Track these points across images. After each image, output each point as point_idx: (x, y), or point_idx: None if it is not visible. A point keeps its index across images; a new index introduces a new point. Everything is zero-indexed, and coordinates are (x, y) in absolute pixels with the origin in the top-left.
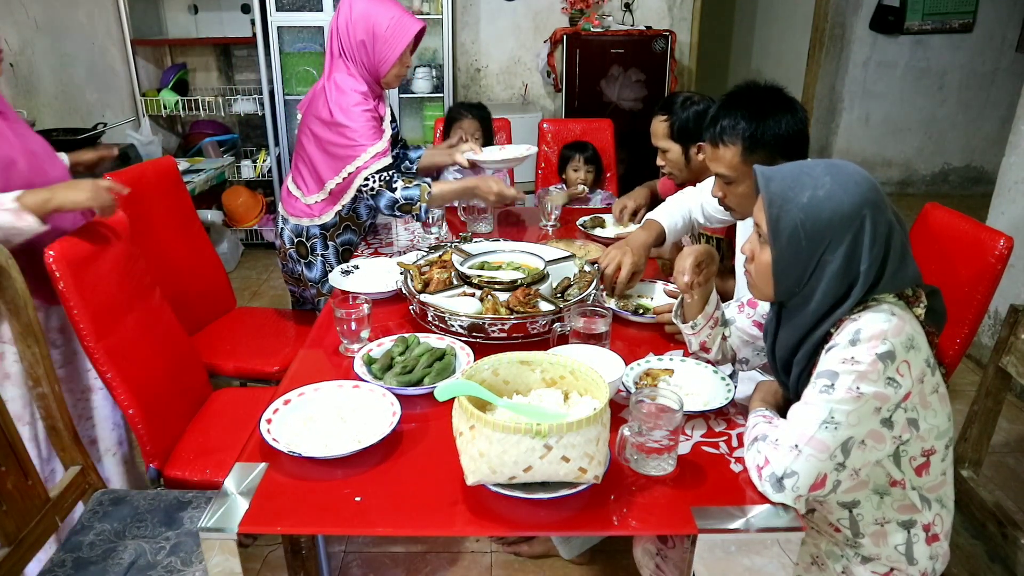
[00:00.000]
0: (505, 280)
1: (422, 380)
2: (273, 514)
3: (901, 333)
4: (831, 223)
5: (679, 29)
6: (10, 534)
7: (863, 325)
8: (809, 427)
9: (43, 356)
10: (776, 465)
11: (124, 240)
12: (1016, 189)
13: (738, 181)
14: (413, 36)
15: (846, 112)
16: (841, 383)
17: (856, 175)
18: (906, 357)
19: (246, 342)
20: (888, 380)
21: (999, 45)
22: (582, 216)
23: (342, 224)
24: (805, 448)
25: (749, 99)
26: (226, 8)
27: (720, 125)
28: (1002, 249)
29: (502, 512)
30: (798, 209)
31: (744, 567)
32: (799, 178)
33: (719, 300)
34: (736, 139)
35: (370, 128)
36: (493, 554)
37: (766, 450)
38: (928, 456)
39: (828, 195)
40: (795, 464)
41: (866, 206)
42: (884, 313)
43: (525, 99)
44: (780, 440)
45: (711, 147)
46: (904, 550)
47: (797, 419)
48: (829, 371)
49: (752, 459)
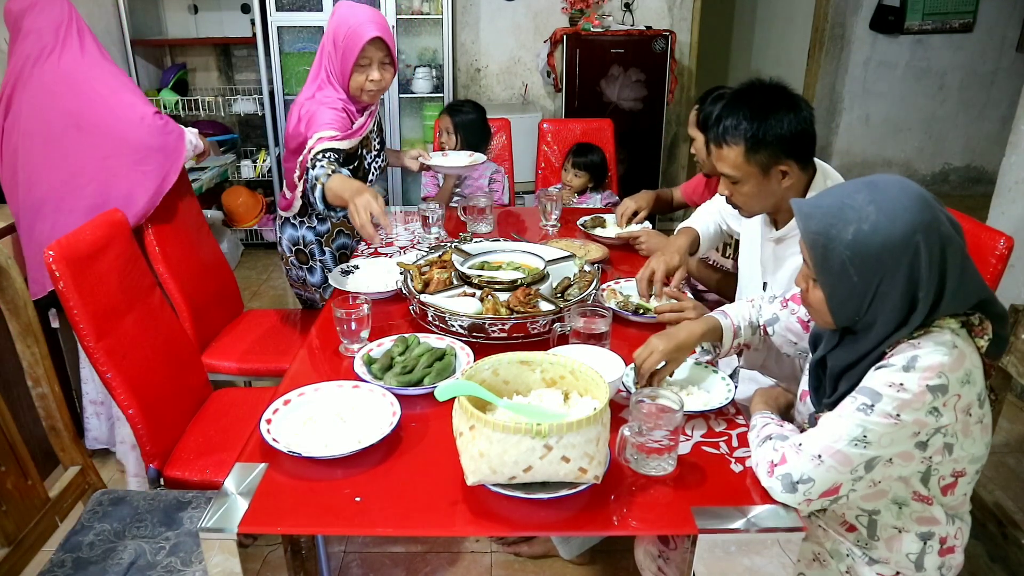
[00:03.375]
0: (505, 280)
1: (422, 380)
2: (273, 514)
3: (959, 368)
4: (881, 257)
5: (679, 29)
6: (10, 534)
7: (921, 353)
8: (838, 441)
9: (43, 356)
10: (793, 467)
11: (124, 240)
12: (1016, 189)
13: (743, 181)
14: (362, 45)
15: (846, 112)
16: (881, 406)
17: (903, 197)
18: (959, 391)
19: (262, 342)
20: (932, 410)
21: (999, 45)
22: (582, 216)
23: (334, 229)
24: (828, 459)
25: (751, 98)
26: (226, 8)
27: (723, 125)
28: (1002, 249)
29: (502, 512)
30: (844, 247)
31: (744, 567)
32: (841, 212)
33: (735, 327)
34: (738, 139)
35: (330, 118)
36: (493, 554)
37: (785, 449)
38: (957, 478)
39: (874, 228)
40: (814, 472)
41: (918, 232)
42: (945, 344)
43: (525, 99)
44: (804, 445)
45: (715, 147)
46: (915, 559)
47: (827, 429)
48: (871, 390)
49: (764, 455)
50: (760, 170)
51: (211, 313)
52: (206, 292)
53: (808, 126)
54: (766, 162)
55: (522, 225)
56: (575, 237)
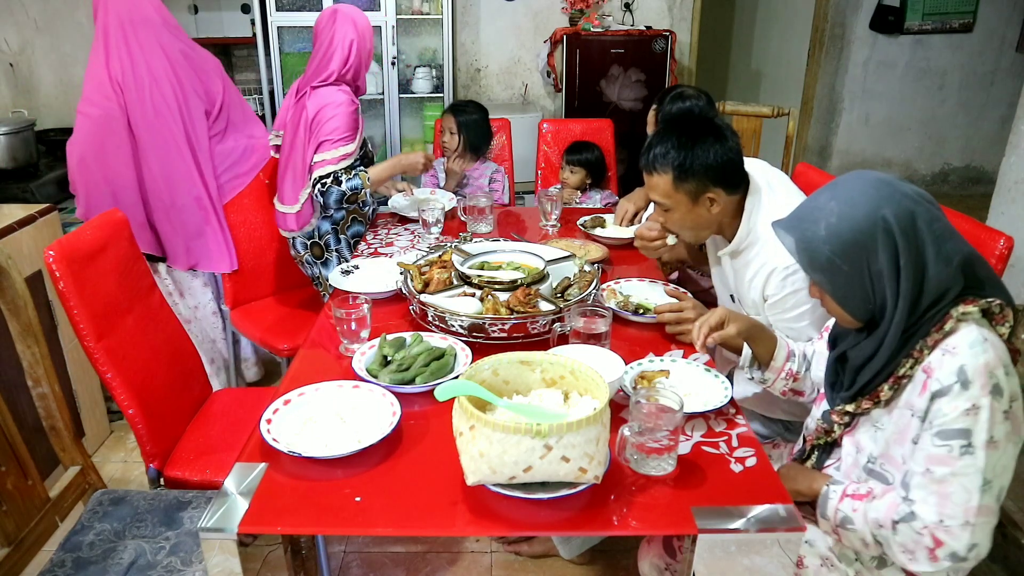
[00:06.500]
0: (505, 280)
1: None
2: (273, 514)
3: (1000, 363)
4: (857, 240)
5: (679, 29)
6: (10, 534)
7: (965, 360)
8: (972, 498)
9: (43, 356)
10: (956, 546)
11: (124, 240)
12: (1016, 189)
13: (673, 208)
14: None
15: (846, 112)
16: (977, 439)
17: (859, 184)
18: (1007, 384)
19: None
20: (1004, 414)
21: (999, 45)
22: (582, 216)
23: (349, 216)
24: (977, 520)
25: (680, 129)
26: (226, 8)
27: (652, 152)
28: (1002, 249)
29: (502, 512)
30: (822, 242)
31: (744, 567)
32: (810, 214)
33: (790, 349)
34: (667, 167)
35: (352, 124)
36: (493, 554)
37: (933, 531)
38: None
39: (840, 217)
40: (975, 537)
41: (880, 207)
42: (978, 342)
43: (525, 99)
44: (945, 519)
45: (646, 175)
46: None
47: (953, 490)
48: (959, 430)
49: (912, 542)
50: (689, 198)
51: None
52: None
53: (733, 155)
54: (694, 190)
55: (522, 225)
56: (575, 237)
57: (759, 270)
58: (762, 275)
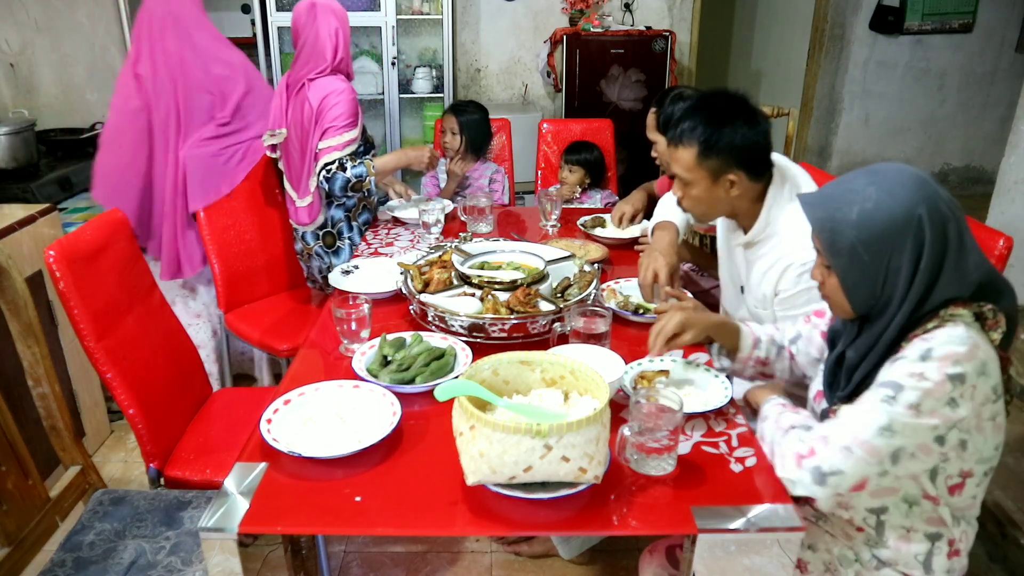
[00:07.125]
0: (505, 280)
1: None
2: (273, 514)
3: (975, 358)
4: (887, 233)
5: (679, 29)
6: (11, 534)
7: (936, 344)
8: (865, 431)
9: (43, 356)
10: (823, 460)
11: (124, 240)
12: (1016, 189)
13: (693, 184)
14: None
15: (846, 112)
16: (905, 396)
17: (901, 177)
18: (975, 382)
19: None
20: (951, 400)
21: (999, 45)
22: (582, 216)
23: (360, 204)
24: (858, 450)
25: (712, 105)
26: (226, 8)
27: (680, 126)
28: (1002, 249)
29: (502, 512)
30: (850, 227)
31: (744, 567)
32: (844, 196)
33: (755, 337)
34: (693, 142)
35: (354, 110)
36: (493, 554)
37: (812, 442)
38: (964, 478)
39: (877, 205)
40: (844, 463)
41: (919, 205)
42: (959, 335)
43: (525, 99)
44: (831, 437)
45: (671, 147)
46: (923, 559)
47: (852, 421)
48: (894, 382)
49: (790, 446)
50: (710, 175)
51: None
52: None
53: (762, 139)
54: (716, 168)
55: (522, 225)
56: (575, 237)
57: (774, 264)
58: (777, 269)
